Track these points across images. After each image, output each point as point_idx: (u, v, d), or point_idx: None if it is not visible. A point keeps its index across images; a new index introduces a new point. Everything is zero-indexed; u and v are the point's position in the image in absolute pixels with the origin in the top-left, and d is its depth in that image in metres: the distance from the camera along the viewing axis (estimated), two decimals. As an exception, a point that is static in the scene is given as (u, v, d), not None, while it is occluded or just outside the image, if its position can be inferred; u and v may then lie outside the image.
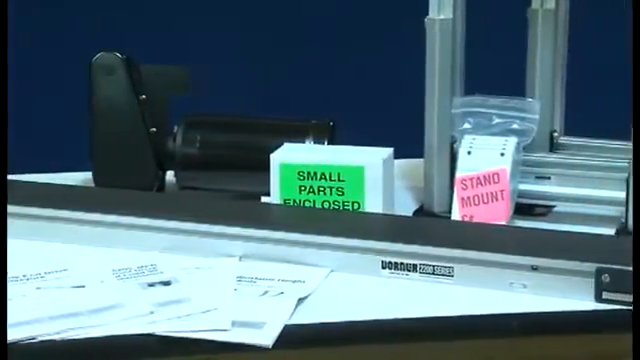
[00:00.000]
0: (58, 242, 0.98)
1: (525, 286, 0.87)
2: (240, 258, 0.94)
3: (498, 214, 0.99)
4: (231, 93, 1.66)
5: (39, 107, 1.79)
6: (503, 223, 0.99)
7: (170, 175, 1.12)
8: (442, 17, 1.01)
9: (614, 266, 0.84)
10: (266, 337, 0.80)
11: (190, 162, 1.10)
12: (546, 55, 1.07)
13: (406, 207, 1.06)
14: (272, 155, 1.02)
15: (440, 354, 0.84)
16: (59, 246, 0.97)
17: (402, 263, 0.90)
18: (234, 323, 0.82)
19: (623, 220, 0.98)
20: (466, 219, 0.99)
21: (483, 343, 0.83)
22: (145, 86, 1.11)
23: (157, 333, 0.81)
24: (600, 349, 0.83)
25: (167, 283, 0.89)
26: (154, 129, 1.11)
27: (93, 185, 1.11)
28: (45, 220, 0.98)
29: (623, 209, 0.98)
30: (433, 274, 0.89)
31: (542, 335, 0.83)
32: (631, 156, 0.97)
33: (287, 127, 1.11)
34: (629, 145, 0.97)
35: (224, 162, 1.10)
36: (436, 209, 1.05)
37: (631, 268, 0.83)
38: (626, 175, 0.98)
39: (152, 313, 0.83)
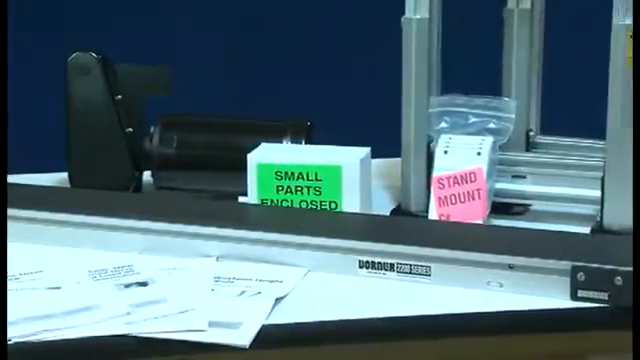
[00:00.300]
0: (33, 243, 0.97)
1: (502, 285, 0.87)
2: (217, 258, 0.94)
3: (475, 213, 0.99)
4: (208, 93, 1.65)
5: (16, 107, 1.78)
6: (480, 222, 0.99)
7: (147, 175, 1.12)
8: (418, 17, 1.02)
9: (589, 264, 0.84)
10: (243, 337, 0.80)
11: (167, 162, 1.09)
12: (522, 54, 1.08)
13: (383, 206, 1.07)
14: (249, 155, 1.02)
15: (418, 353, 0.84)
16: (34, 247, 0.97)
17: (379, 262, 0.90)
18: (211, 323, 0.82)
19: (598, 218, 0.99)
20: (443, 218, 1.00)
21: (460, 342, 0.83)
22: (121, 86, 1.10)
23: (133, 334, 0.80)
24: (576, 346, 0.84)
25: (144, 284, 0.89)
26: (130, 129, 1.10)
27: (69, 186, 1.11)
28: (21, 221, 0.98)
29: (598, 207, 0.99)
30: (410, 273, 0.89)
31: (518, 333, 0.83)
32: (604, 155, 0.98)
33: (264, 127, 1.11)
34: (604, 144, 0.98)
35: (201, 162, 1.09)
36: (413, 208, 1.05)
37: (606, 266, 0.84)
38: (601, 174, 0.99)
39: (128, 314, 0.83)
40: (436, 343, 0.84)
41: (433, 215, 1.00)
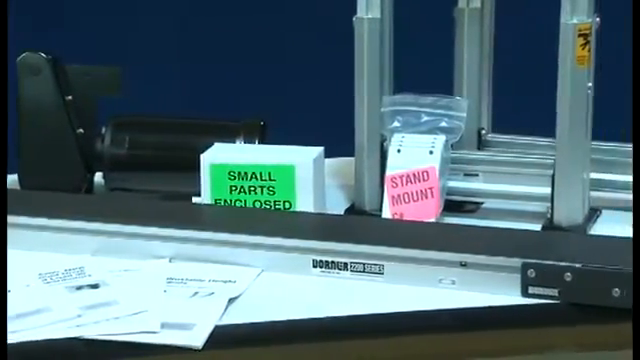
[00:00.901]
0: (-17, 246, 0.96)
1: (454, 282, 0.88)
2: (170, 259, 0.93)
3: (428, 211, 1.00)
4: (160, 93, 1.64)
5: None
6: (432, 220, 1.00)
7: (99, 177, 1.11)
8: (370, 16, 1.02)
9: (539, 261, 0.85)
10: (196, 338, 0.80)
11: (119, 163, 1.08)
12: (473, 53, 1.09)
13: (337, 206, 1.07)
14: (202, 155, 1.01)
15: (371, 351, 0.84)
16: (-16, 250, 0.95)
17: (333, 262, 0.90)
18: (163, 325, 0.81)
19: (549, 216, 1.00)
20: (396, 217, 1.00)
21: (413, 339, 0.84)
22: (72, 86, 1.09)
23: (84, 337, 0.80)
24: (527, 343, 0.84)
25: (95, 286, 0.88)
26: (82, 130, 1.09)
27: (19, 187, 1.09)
28: (-31, 224, 0.96)
29: (549, 205, 1.00)
30: (364, 272, 0.90)
31: (470, 330, 0.84)
32: (554, 152, 0.99)
33: (217, 127, 1.10)
34: (555, 141, 0.99)
35: (154, 163, 1.09)
36: (367, 207, 1.05)
37: (555, 262, 0.85)
38: (551, 171, 1.00)
39: (79, 317, 0.82)
40: (389, 341, 0.84)
41: (386, 214, 1.00)
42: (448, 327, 0.84)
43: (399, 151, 1.01)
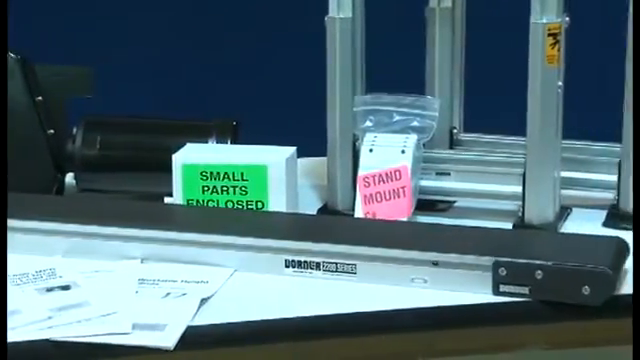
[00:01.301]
0: (-48, 248, 0.95)
1: (426, 281, 0.88)
2: (142, 260, 0.93)
3: (400, 210, 1.00)
4: (132, 93, 1.63)
5: None
6: (405, 219, 1.00)
7: (70, 177, 1.10)
8: (342, 16, 1.02)
9: (510, 259, 0.86)
10: (167, 339, 0.80)
11: (90, 164, 1.08)
12: (444, 53, 1.09)
13: (310, 205, 1.07)
14: (174, 155, 1.01)
15: (344, 351, 0.84)
16: (-47, 252, 0.94)
17: (305, 261, 0.90)
18: (135, 326, 0.81)
19: (520, 214, 1.01)
20: (369, 216, 1.00)
21: (385, 339, 0.84)
22: (42, 87, 1.08)
23: (55, 338, 0.79)
24: (499, 341, 0.85)
25: (66, 287, 0.87)
26: (52, 131, 1.08)
27: (-11, 189, 1.08)
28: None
29: (520, 203, 1.01)
30: (336, 272, 0.90)
31: (443, 329, 0.84)
32: (526, 151, 0.99)
33: (189, 127, 1.10)
34: (525, 140, 1.00)
35: (125, 163, 1.08)
36: (339, 207, 1.06)
37: (526, 260, 0.85)
38: (522, 170, 1.00)
39: (50, 318, 0.81)
40: (362, 340, 0.84)
41: (359, 213, 1.01)
42: (420, 326, 0.84)
43: (371, 150, 1.02)
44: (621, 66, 1.00)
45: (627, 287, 0.86)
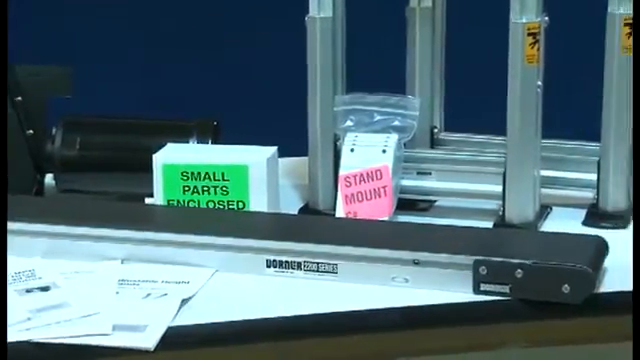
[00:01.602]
0: None
1: (407, 280, 0.88)
2: (122, 261, 0.92)
3: (381, 210, 1.00)
4: (112, 93, 1.63)
5: None
6: (386, 219, 1.00)
7: (50, 178, 1.09)
8: (322, 15, 1.02)
9: (490, 258, 0.86)
10: (148, 340, 0.79)
11: (70, 164, 1.07)
12: (425, 53, 1.09)
13: (291, 205, 1.07)
14: (155, 155, 1.01)
15: (326, 350, 0.84)
16: None
17: (287, 261, 0.90)
18: (115, 327, 0.80)
19: (501, 213, 1.01)
20: (350, 216, 1.00)
21: (366, 338, 0.84)
22: (21, 87, 1.08)
23: (34, 340, 0.79)
24: (479, 340, 0.85)
25: (46, 289, 0.87)
26: (31, 131, 1.08)
27: (-32, 190, 1.08)
28: None
29: (500, 202, 1.01)
30: (317, 271, 0.90)
31: (424, 328, 0.85)
32: (506, 151, 1.00)
33: (170, 127, 1.10)
34: (506, 140, 1.00)
35: (105, 164, 1.08)
36: (321, 207, 1.06)
37: (506, 259, 0.85)
38: (503, 169, 1.01)
39: (29, 319, 0.81)
40: (343, 340, 0.84)
41: (340, 213, 1.01)
42: (401, 325, 0.84)
43: (352, 150, 1.02)
44: (600, 65, 1.00)
45: (607, 285, 0.87)
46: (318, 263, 0.90)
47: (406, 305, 0.85)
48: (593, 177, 1.03)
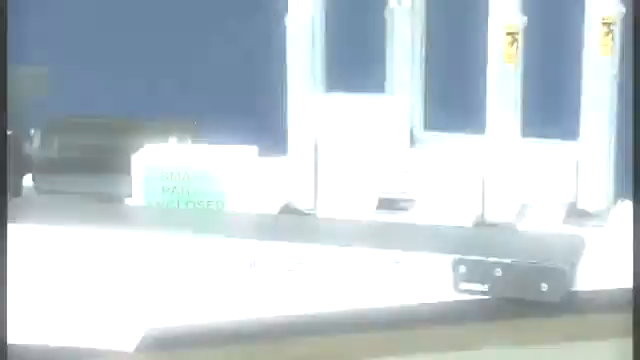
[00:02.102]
0: None
1: (387, 279, 0.88)
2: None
3: (361, 209, 1.00)
4: (91, 94, 1.62)
5: None
6: (366, 218, 1.00)
7: (28, 179, 1.09)
8: (302, 15, 1.02)
9: (470, 257, 0.86)
10: (127, 341, 0.79)
11: (49, 165, 1.07)
12: (404, 52, 1.09)
13: (271, 205, 1.06)
14: (134, 156, 1.00)
15: (306, 350, 0.84)
16: None
17: (267, 261, 0.90)
18: (95, 328, 0.80)
19: (480, 212, 1.01)
20: (330, 215, 1.00)
21: (346, 338, 0.84)
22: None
23: (10, 342, 0.78)
24: (459, 338, 0.85)
25: (24, 290, 0.86)
26: (9, 132, 1.07)
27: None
28: None
29: (480, 201, 1.01)
30: (297, 271, 0.90)
31: (403, 327, 0.85)
32: (486, 150, 1.00)
33: (149, 127, 1.09)
34: (485, 139, 1.01)
35: (84, 165, 1.07)
36: (301, 206, 1.05)
37: (485, 258, 0.86)
38: (483, 168, 1.01)
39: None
40: (323, 340, 0.84)
41: (320, 212, 1.01)
42: (381, 324, 0.84)
43: (332, 150, 1.02)
44: (579, 65, 1.01)
45: (585, 284, 0.87)
46: (298, 263, 0.90)
47: (386, 305, 0.85)
48: (572, 176, 1.03)
